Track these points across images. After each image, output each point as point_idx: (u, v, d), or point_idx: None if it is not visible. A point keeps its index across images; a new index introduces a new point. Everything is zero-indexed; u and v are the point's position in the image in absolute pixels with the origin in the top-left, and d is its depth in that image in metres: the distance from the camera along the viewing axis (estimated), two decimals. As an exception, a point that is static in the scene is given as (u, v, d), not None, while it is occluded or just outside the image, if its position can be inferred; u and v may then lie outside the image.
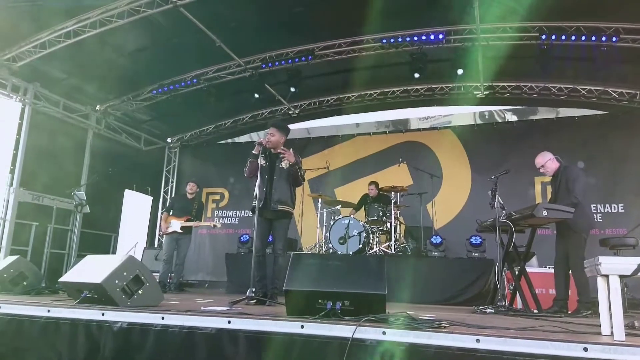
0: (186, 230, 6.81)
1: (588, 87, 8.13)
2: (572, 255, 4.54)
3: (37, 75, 7.54)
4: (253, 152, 4.50)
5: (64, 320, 3.04)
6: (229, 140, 10.97)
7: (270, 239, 4.66)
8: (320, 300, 2.77)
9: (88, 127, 8.84)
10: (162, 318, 2.84)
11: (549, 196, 5.17)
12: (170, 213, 6.93)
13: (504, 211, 4.67)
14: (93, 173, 8.49)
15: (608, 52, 6.55)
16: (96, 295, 3.32)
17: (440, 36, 7.05)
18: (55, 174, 7.84)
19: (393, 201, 7.24)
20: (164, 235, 6.89)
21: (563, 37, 6.63)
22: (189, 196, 7.06)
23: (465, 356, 2.23)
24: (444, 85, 8.67)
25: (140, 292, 3.36)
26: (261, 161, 4.41)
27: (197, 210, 6.99)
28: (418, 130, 9.40)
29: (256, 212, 4.28)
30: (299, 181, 4.53)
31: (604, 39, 6.48)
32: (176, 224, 6.77)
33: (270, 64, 8.03)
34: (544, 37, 6.67)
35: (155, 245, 10.01)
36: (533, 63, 7.00)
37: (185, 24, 6.55)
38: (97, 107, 8.91)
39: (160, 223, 6.94)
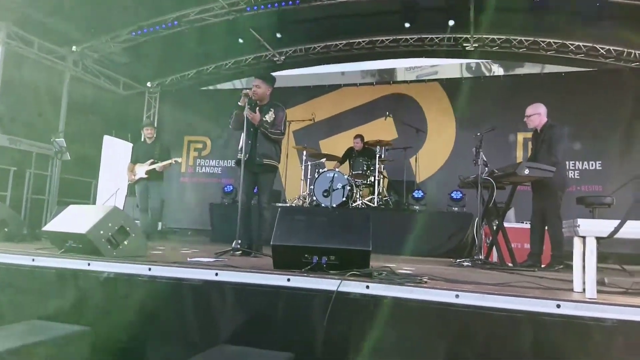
0: (153, 175, 6.63)
1: (577, 43, 8.08)
2: (548, 213, 4.68)
3: (10, 13, 7.11)
4: (239, 103, 4.44)
5: (49, 269, 3.05)
6: (211, 87, 10.71)
7: (255, 190, 4.70)
8: (306, 255, 2.83)
9: (65, 69, 8.48)
10: (149, 269, 2.88)
11: (529, 153, 5.24)
12: (136, 162, 6.77)
13: (486, 168, 4.74)
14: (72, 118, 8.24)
15: (601, 7, 6.46)
16: (81, 245, 3.32)
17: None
18: (33, 118, 7.59)
19: (378, 155, 7.27)
20: (135, 185, 6.79)
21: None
22: (148, 140, 6.88)
23: (445, 310, 2.33)
24: (434, 36, 8.49)
25: (125, 242, 3.37)
26: (247, 113, 4.34)
27: (161, 153, 6.77)
28: (405, 82, 9.30)
29: (242, 166, 4.26)
30: (276, 140, 4.52)
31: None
32: (141, 170, 6.65)
33: (255, 7, 7.70)
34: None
35: (136, 194, 9.97)
36: (524, 16, 6.87)
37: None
38: (74, 48, 8.51)
39: (127, 173, 6.80)
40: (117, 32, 8.36)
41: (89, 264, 2.99)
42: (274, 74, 4.80)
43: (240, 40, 8.24)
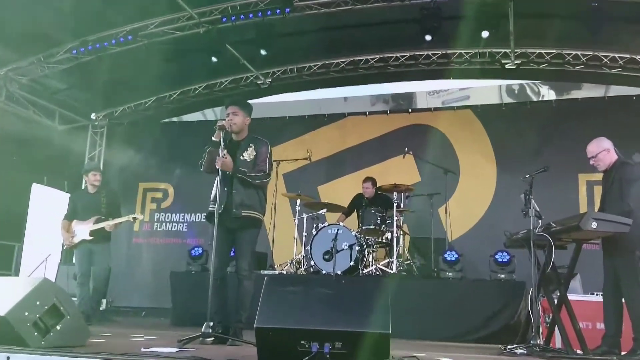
0: (99, 235, 6.62)
1: (650, 58, 8.28)
2: (624, 280, 4.62)
3: None
4: (213, 138, 4.52)
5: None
6: (175, 119, 10.84)
7: (232, 253, 4.68)
8: (303, 341, 2.79)
9: (-18, 97, 8.65)
10: (90, 364, 2.81)
11: (597, 200, 5.26)
12: (73, 218, 6.76)
13: (540, 221, 4.74)
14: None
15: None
16: (-2, 331, 3.26)
17: (461, -15, 7.11)
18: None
19: (395, 204, 7.28)
20: (74, 250, 6.76)
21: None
22: (91, 189, 6.90)
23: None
24: (463, 52, 8.73)
25: (58, 327, 3.32)
26: (222, 152, 4.40)
27: (109, 205, 6.81)
28: (428, 110, 9.50)
29: (215, 221, 4.27)
30: (259, 184, 4.60)
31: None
32: (83, 230, 6.61)
33: (233, 17, 7.94)
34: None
35: (74, 260, 9.87)
36: (579, 24, 7.09)
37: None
38: (-6, 72, 8.71)
39: (61, 233, 6.78)
40: (53, 50, 8.54)
41: (8, 358, 2.93)
42: (258, 100, 4.92)
43: (214, 59, 8.42)
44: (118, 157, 10.50)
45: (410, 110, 9.61)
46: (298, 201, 7.88)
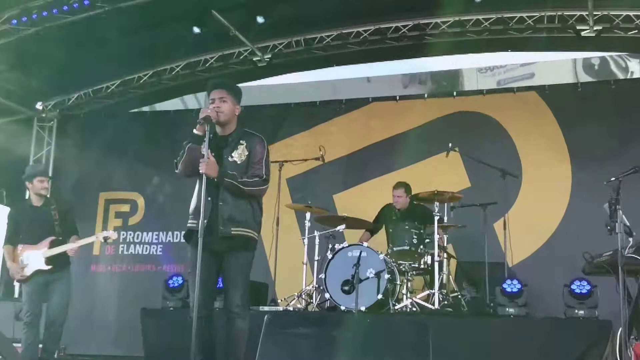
0: (57, 262, 6.58)
1: None
2: None
3: None
4: (195, 131, 4.51)
5: None
6: (147, 108, 10.85)
7: (220, 284, 4.68)
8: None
9: None
10: None
11: None
12: (17, 242, 6.69)
13: (631, 239, 4.70)
14: None
15: None
16: None
17: None
18: None
19: (437, 218, 7.20)
20: (23, 284, 6.71)
21: None
22: (37, 201, 6.79)
23: None
24: (524, 15, 8.65)
25: (-7, 383, 3.32)
26: (204, 150, 4.40)
27: (63, 222, 6.76)
28: (479, 92, 9.40)
29: (200, 242, 4.24)
30: (254, 193, 4.61)
31: None
32: (35, 257, 6.54)
33: (220, -26, 8.00)
34: None
35: (17, 294, 9.90)
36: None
37: None
38: None
39: (7, 265, 6.76)
40: (-16, 21, 8.59)
41: None
42: (252, 83, 4.92)
43: (196, 30, 8.42)
44: (72, 159, 10.53)
45: (455, 93, 9.54)
46: (308, 215, 7.82)
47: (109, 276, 10.07)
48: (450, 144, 7.91)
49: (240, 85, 5.11)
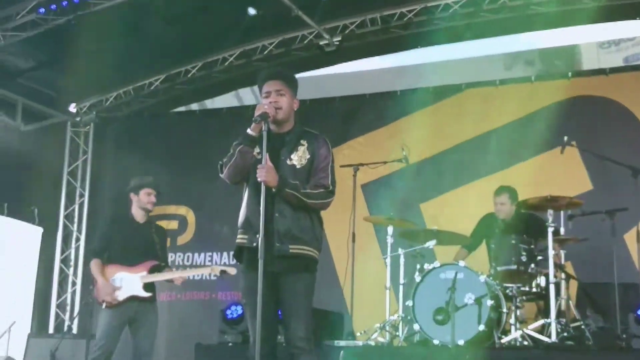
0: (153, 290, 6.90)
1: None
2: None
3: None
4: (249, 131, 4.46)
5: None
6: (196, 106, 10.96)
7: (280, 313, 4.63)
8: None
9: None
10: None
11: None
12: (109, 261, 6.84)
13: None
14: None
15: None
16: None
17: None
18: None
19: (551, 229, 6.97)
20: (105, 309, 6.76)
21: None
22: (141, 217, 7.02)
23: None
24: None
25: None
26: (265, 155, 4.35)
27: (163, 247, 7.10)
28: (601, 72, 9.22)
29: (260, 263, 4.18)
30: (318, 207, 4.61)
31: None
32: (132, 281, 6.71)
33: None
34: None
35: (51, 329, 10.03)
36: None
37: None
38: None
39: (95, 285, 6.75)
40: (9, 10, 8.76)
41: None
42: (316, 73, 4.85)
43: (252, 11, 8.43)
44: (111, 169, 10.67)
45: (570, 74, 9.37)
46: (390, 229, 7.76)
47: (159, 306, 10.13)
48: (565, 138, 7.69)
49: (305, 74, 5.03)
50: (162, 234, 7.20)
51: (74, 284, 10.96)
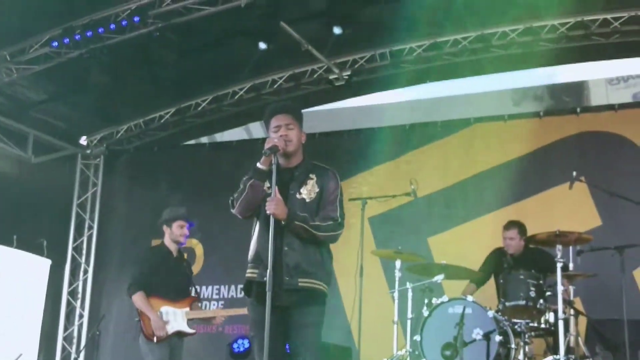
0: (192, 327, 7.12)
1: None
2: None
3: None
4: (259, 165, 4.45)
5: None
6: (205, 139, 10.97)
7: (288, 348, 4.58)
8: None
9: None
10: None
11: None
12: (148, 291, 6.85)
13: None
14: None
15: None
16: None
17: None
18: None
19: (560, 265, 6.91)
20: (155, 344, 6.78)
21: None
22: (174, 251, 7.08)
23: None
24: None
25: None
26: (274, 188, 4.36)
27: (192, 282, 7.32)
28: (610, 108, 9.28)
29: (268, 296, 4.18)
30: (328, 240, 4.61)
31: None
32: (178, 317, 6.85)
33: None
34: None
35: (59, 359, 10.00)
36: None
37: None
38: None
39: (142, 317, 6.76)
40: (23, 43, 8.84)
41: None
42: (325, 107, 4.87)
43: (262, 46, 8.47)
44: (121, 201, 10.68)
45: (579, 110, 9.40)
46: (398, 262, 7.73)
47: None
48: (574, 173, 7.66)
49: (315, 108, 5.07)
50: (190, 269, 7.34)
51: (81, 316, 10.96)
